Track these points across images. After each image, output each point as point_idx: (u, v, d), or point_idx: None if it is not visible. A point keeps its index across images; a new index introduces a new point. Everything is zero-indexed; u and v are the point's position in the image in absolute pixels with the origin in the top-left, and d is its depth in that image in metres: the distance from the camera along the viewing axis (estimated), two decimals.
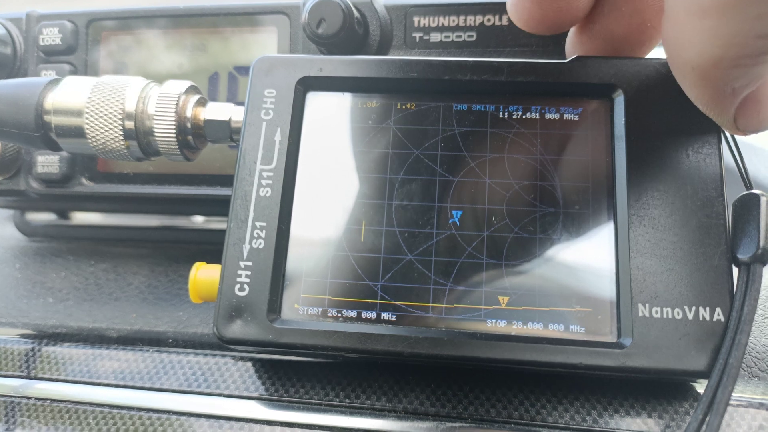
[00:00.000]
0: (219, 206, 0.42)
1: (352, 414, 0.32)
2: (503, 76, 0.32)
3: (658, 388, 0.31)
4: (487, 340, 0.29)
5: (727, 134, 0.31)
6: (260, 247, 0.31)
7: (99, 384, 0.35)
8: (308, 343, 0.29)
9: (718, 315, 0.28)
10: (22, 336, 0.39)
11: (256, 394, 0.33)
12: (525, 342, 0.29)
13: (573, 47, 0.34)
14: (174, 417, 0.33)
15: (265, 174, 0.32)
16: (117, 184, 0.43)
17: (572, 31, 0.34)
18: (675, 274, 0.29)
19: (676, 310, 0.28)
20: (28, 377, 0.37)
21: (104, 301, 0.42)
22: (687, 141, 0.30)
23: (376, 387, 0.33)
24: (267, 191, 0.32)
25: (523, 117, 0.33)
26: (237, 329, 0.30)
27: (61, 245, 0.48)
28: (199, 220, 0.51)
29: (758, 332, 0.34)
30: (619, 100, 0.31)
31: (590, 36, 0.33)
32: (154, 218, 0.51)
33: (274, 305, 0.30)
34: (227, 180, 0.42)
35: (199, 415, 0.33)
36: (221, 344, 0.31)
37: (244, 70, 0.42)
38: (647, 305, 0.28)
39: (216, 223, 0.50)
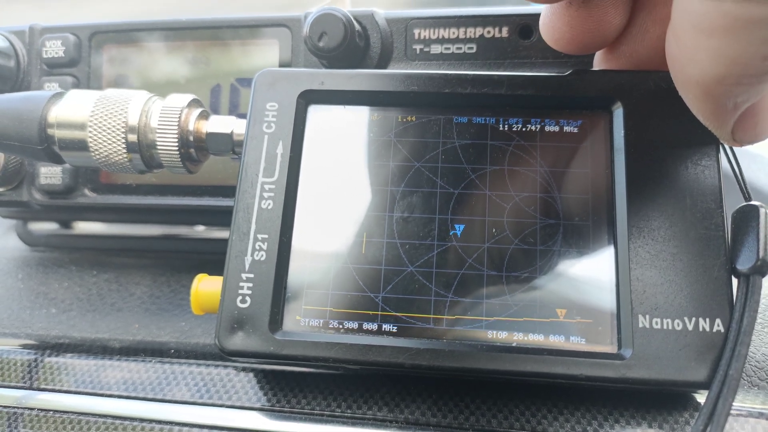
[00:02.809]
0: (221, 216, 0.42)
1: (354, 425, 0.32)
2: (503, 89, 0.33)
3: (658, 399, 0.31)
4: (488, 351, 0.29)
5: (726, 146, 0.32)
6: (262, 259, 0.31)
7: (101, 395, 0.35)
8: (310, 354, 0.30)
9: (718, 326, 0.28)
10: (25, 346, 0.39)
11: (258, 405, 0.34)
12: (526, 353, 0.29)
13: (598, 65, 0.35)
14: (176, 428, 0.33)
15: (267, 187, 0.32)
16: (120, 195, 0.43)
17: (600, 53, 0.34)
18: (675, 285, 0.29)
19: (676, 321, 0.28)
20: (30, 388, 0.37)
21: (107, 312, 0.43)
22: (686, 153, 0.30)
23: (378, 398, 0.33)
24: (269, 204, 0.32)
25: (523, 129, 0.33)
26: (239, 341, 0.30)
27: (64, 255, 0.48)
28: (200, 230, 0.52)
29: (758, 341, 0.35)
30: (618, 113, 0.32)
31: (616, 56, 0.33)
32: (156, 228, 0.51)
33: (276, 317, 0.31)
34: (229, 191, 0.42)
35: (201, 426, 0.33)
36: (223, 355, 0.31)
37: (246, 81, 0.43)
38: (647, 316, 0.28)
39: (218, 233, 0.51)
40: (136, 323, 0.41)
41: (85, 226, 0.53)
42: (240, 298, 0.31)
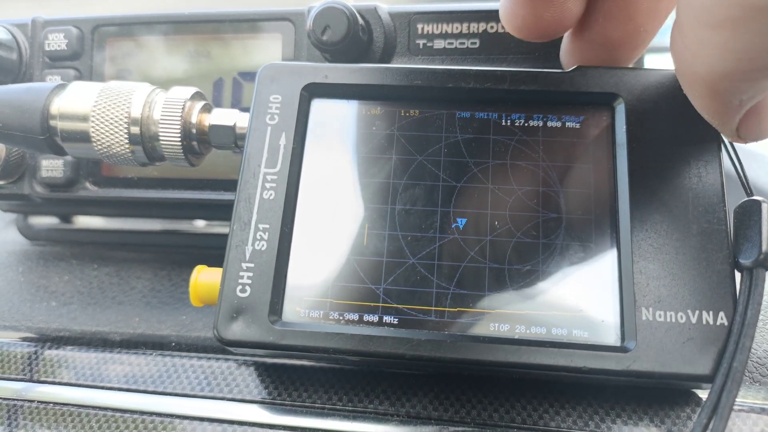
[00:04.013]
0: (223, 210, 0.42)
1: (354, 418, 0.32)
2: (506, 84, 0.33)
3: (660, 394, 0.31)
4: (489, 343, 0.29)
5: (727, 142, 0.32)
6: (263, 248, 0.31)
7: (102, 387, 0.35)
8: (309, 345, 0.29)
9: (722, 319, 0.28)
10: (25, 339, 0.39)
11: (258, 398, 0.33)
12: (528, 345, 0.29)
13: (568, 56, 0.35)
14: (177, 421, 0.33)
15: (269, 177, 0.32)
16: (121, 189, 0.43)
17: (566, 39, 0.34)
18: (678, 278, 0.29)
19: (680, 314, 0.28)
20: (30, 380, 0.37)
21: (107, 305, 0.43)
22: (688, 148, 0.30)
23: (379, 391, 0.33)
24: (271, 194, 0.32)
25: (526, 125, 0.33)
26: (237, 330, 0.30)
27: (65, 249, 0.48)
28: (201, 225, 0.52)
29: (759, 337, 0.34)
30: (620, 109, 0.32)
31: (584, 43, 0.33)
32: (157, 222, 0.51)
33: (276, 307, 0.31)
34: (231, 184, 0.42)
35: (201, 419, 0.33)
36: (224, 348, 0.31)
37: (248, 76, 0.43)
38: (651, 309, 0.28)
39: (219, 228, 0.51)
40: (136, 316, 0.41)
41: (85, 221, 0.53)
42: (240, 287, 0.30)
